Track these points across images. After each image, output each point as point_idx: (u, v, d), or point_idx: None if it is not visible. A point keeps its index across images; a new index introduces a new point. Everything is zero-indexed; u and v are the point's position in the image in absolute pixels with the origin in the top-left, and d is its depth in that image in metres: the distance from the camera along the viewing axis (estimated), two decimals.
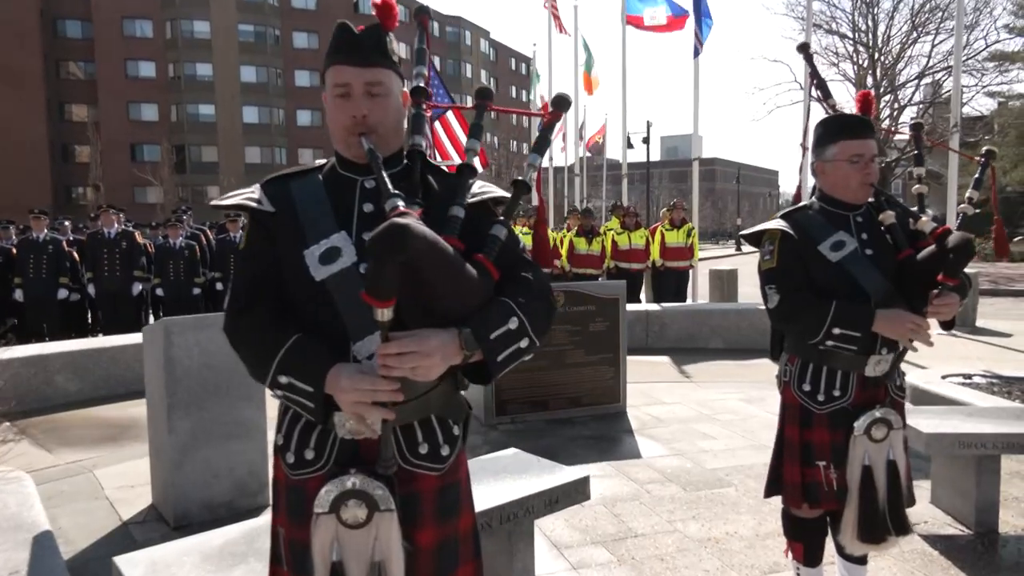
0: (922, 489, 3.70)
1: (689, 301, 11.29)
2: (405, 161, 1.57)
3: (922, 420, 3.30)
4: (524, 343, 1.43)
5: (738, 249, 41.96)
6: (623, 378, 5.43)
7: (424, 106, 1.68)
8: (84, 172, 40.27)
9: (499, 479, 2.64)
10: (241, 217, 9.57)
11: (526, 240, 10.32)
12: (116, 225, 8.96)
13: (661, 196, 61.78)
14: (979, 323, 9.72)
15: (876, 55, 25.63)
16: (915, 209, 2.31)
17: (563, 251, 10.53)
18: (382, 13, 1.52)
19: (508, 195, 1.58)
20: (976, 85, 26.28)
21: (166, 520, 3.46)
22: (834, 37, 26.62)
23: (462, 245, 1.41)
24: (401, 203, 1.34)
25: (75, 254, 9.12)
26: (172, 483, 3.39)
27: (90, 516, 3.55)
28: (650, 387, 6.23)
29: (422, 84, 1.70)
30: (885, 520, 2.19)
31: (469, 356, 1.37)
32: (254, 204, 1.51)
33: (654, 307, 8.76)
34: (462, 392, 1.60)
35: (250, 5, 47.83)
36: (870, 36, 26.15)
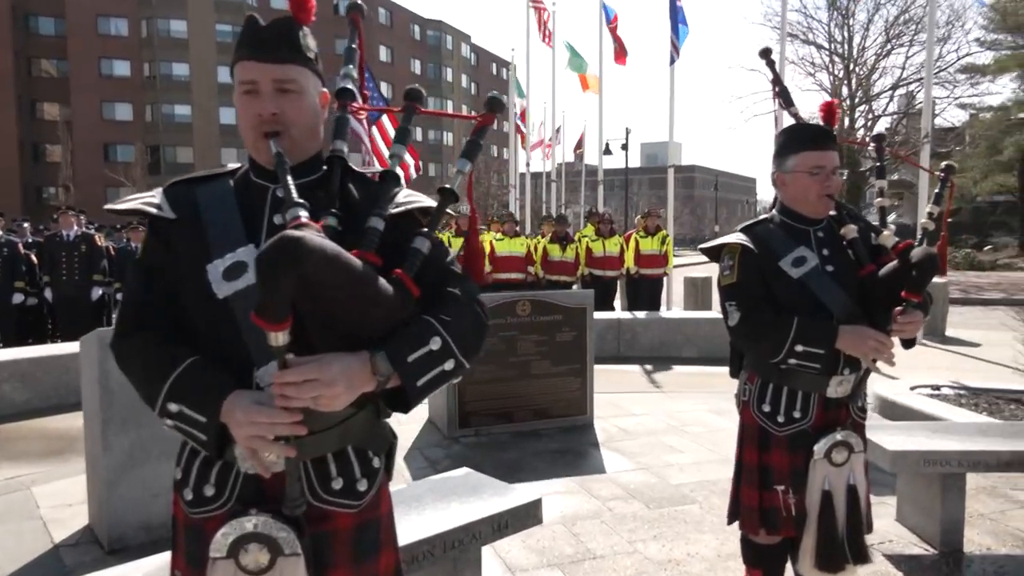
0: (887, 506, 3.64)
1: (664, 309, 11.25)
2: (324, 168, 1.44)
3: (887, 437, 3.23)
4: (449, 365, 1.30)
5: None
6: (590, 389, 5.32)
7: (350, 108, 1.55)
8: (55, 172, 39.48)
9: (446, 502, 2.51)
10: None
11: (513, 246, 10.27)
12: (76, 227, 8.69)
13: (640, 203, 62.06)
14: (948, 332, 9.77)
15: (851, 66, 25.92)
16: (877, 223, 2.23)
17: (537, 258, 10.43)
18: (295, 5, 1.40)
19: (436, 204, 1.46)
20: (948, 97, 26.70)
21: (100, 543, 3.28)
22: (811, 47, 26.93)
23: (379, 260, 1.28)
24: (303, 213, 1.20)
25: (33, 257, 8.84)
26: (107, 503, 3.21)
27: (19, 538, 3.35)
28: (619, 398, 6.13)
29: (349, 85, 1.57)
30: (843, 548, 2.08)
31: (384, 382, 1.24)
32: (153, 210, 1.37)
33: (626, 315, 8.67)
34: (386, 420, 1.47)
35: (228, 5, 47.29)
36: (846, 47, 26.47)
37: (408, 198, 1.42)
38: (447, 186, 1.42)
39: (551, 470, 4.31)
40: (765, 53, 2.49)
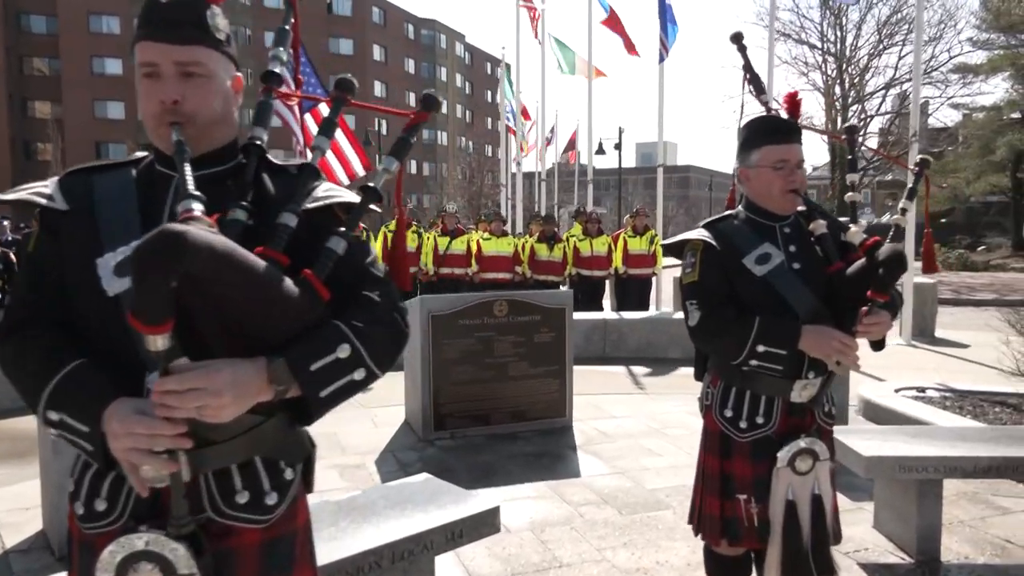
0: (865, 512, 3.55)
1: (652, 309, 11.16)
2: (241, 157, 1.34)
3: (862, 442, 3.14)
4: (359, 375, 1.20)
5: None
6: (569, 391, 5.22)
7: (275, 94, 1.45)
8: (47, 170, 39.22)
9: (400, 510, 2.40)
10: None
11: (500, 246, 10.15)
12: None
13: (634, 202, 61.90)
14: (938, 333, 9.71)
15: (844, 65, 25.87)
16: (846, 219, 2.13)
17: (524, 257, 10.33)
18: None
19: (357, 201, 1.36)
20: (940, 96, 26.69)
21: (52, 549, 3.17)
22: (804, 47, 26.89)
23: (286, 259, 1.18)
24: (196, 206, 1.10)
25: (11, 255, 8.70)
26: (59, 508, 3.10)
27: None
28: (601, 399, 6.03)
29: (277, 68, 1.47)
30: (808, 560, 1.99)
31: (283, 391, 1.14)
32: (42, 200, 1.27)
33: (612, 316, 8.58)
34: (304, 428, 1.37)
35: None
36: (838, 46, 26.43)
37: (328, 193, 1.32)
38: (371, 184, 1.32)
39: (525, 474, 4.21)
40: (736, 38, 2.40)
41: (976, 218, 37.73)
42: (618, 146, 32.36)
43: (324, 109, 2.82)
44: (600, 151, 32.92)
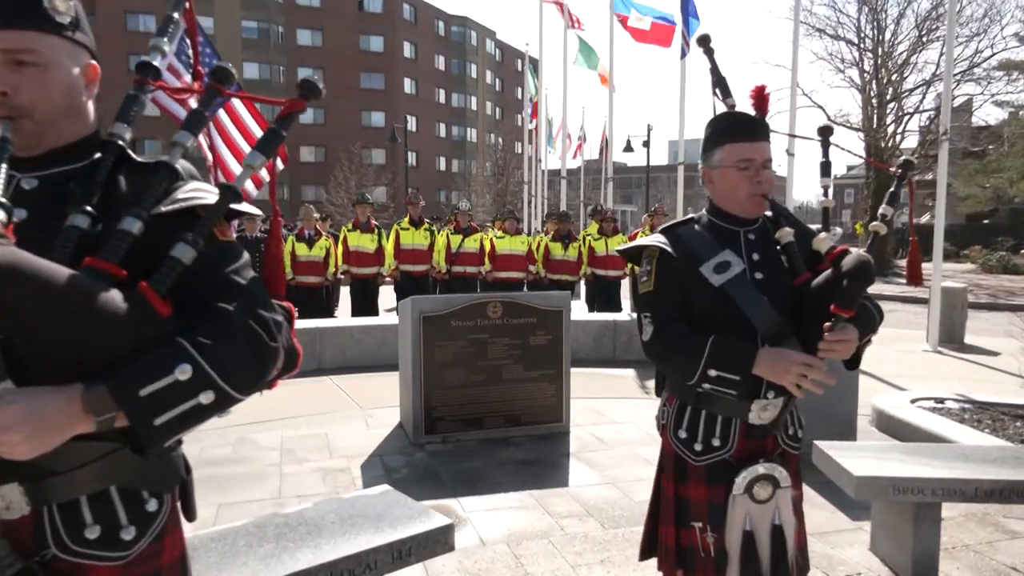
0: (863, 532, 3.36)
1: None
2: (99, 154, 1.23)
3: (855, 460, 2.95)
4: (206, 398, 1.08)
5: None
6: (566, 396, 5.07)
7: (150, 87, 1.34)
8: None
9: (348, 527, 2.30)
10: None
11: (514, 244, 10.01)
12: None
13: (664, 200, 61.28)
14: (967, 339, 9.32)
15: (879, 61, 25.14)
16: (817, 227, 1.96)
17: (538, 256, 10.18)
18: None
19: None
20: (983, 93, 25.78)
21: None
22: (840, 43, 26.19)
23: (121, 271, 1.07)
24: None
25: None
26: None
27: None
28: (604, 404, 5.87)
29: (156, 60, 1.36)
30: None
31: (109, 420, 1.02)
32: None
33: (623, 317, 8.39)
34: (176, 452, 1.26)
35: (254, 2, 47.69)
36: (876, 42, 25.68)
37: (191, 194, 1.20)
38: (229, 183, 1.21)
39: (511, 482, 4.09)
40: (703, 41, 2.24)
41: (1020, 219, 36.49)
42: (646, 143, 31.98)
43: (238, 104, 2.71)
44: (628, 148, 32.62)
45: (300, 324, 7.67)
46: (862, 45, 25.90)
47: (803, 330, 1.82)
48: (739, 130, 1.89)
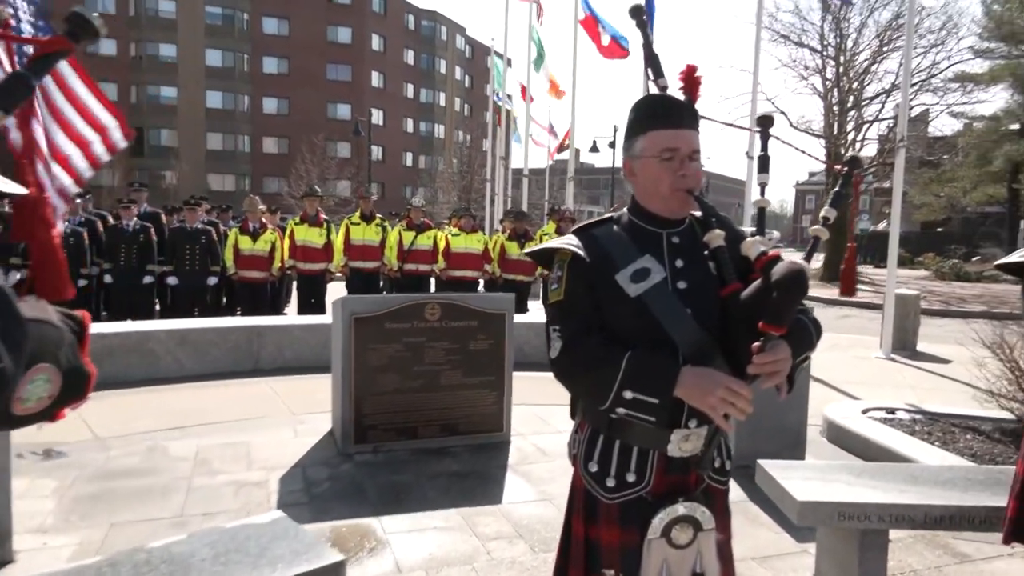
0: (809, 556, 3.16)
1: None
2: None
3: (799, 483, 2.73)
4: None
5: None
6: (508, 403, 4.81)
7: None
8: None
9: (222, 567, 1.99)
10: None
11: (470, 243, 9.68)
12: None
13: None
14: (920, 347, 9.31)
15: (841, 70, 25.43)
16: (751, 230, 1.72)
17: (494, 255, 9.92)
18: None
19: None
20: (938, 103, 26.24)
21: None
22: (804, 50, 26.41)
23: None
24: None
25: None
26: None
27: None
28: (549, 411, 5.61)
29: None
30: None
31: None
32: None
33: None
34: None
35: None
36: (839, 50, 25.95)
37: None
38: None
39: (441, 499, 3.81)
40: (636, 12, 1.99)
41: (972, 228, 37.36)
42: (612, 144, 31.91)
43: (66, 68, 2.36)
44: (594, 149, 32.58)
45: (236, 321, 7.30)
46: (825, 53, 26.17)
47: (732, 348, 1.58)
48: (663, 116, 1.64)
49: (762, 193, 1.76)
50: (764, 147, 1.80)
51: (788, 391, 1.62)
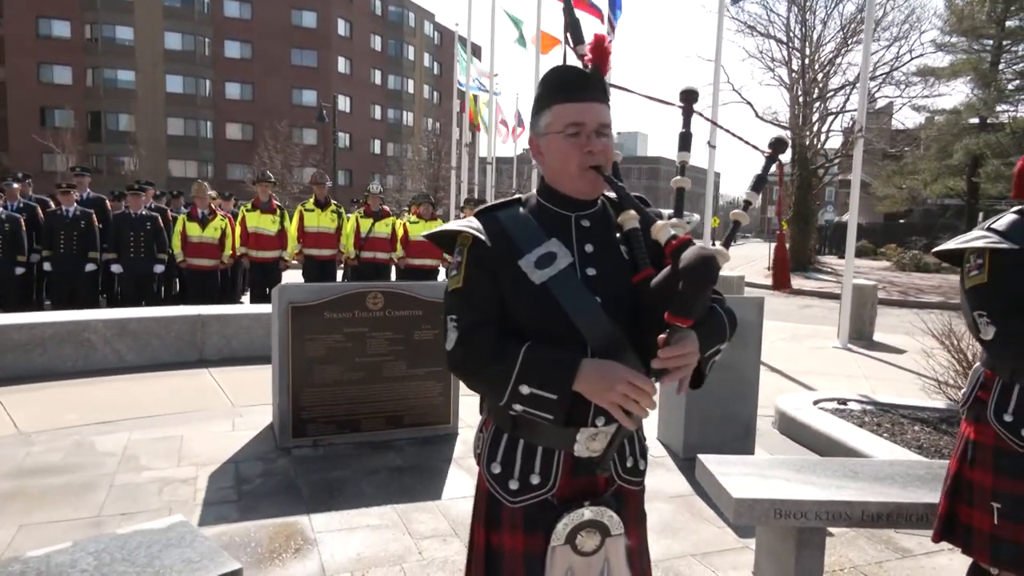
0: (749, 552, 3.08)
1: None
2: None
3: (737, 479, 2.65)
4: None
5: None
6: (455, 395, 4.67)
7: None
8: None
9: (105, 573, 1.83)
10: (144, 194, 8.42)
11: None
12: None
13: (659, 197, 61.64)
14: (876, 336, 9.40)
15: (806, 62, 25.64)
16: (668, 212, 1.60)
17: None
18: None
19: None
20: (900, 96, 26.65)
21: None
22: (771, 41, 26.56)
23: None
24: None
25: None
26: None
27: None
28: None
29: None
30: None
31: None
32: None
33: None
34: None
35: None
36: (804, 42, 26.15)
37: None
38: None
39: (377, 495, 3.66)
40: None
41: (932, 220, 38.14)
42: None
43: None
44: None
45: (179, 310, 7.04)
46: (791, 44, 26.37)
47: (644, 340, 1.45)
48: (568, 88, 1.50)
49: (681, 172, 1.64)
50: (686, 124, 1.68)
51: (697, 386, 1.51)
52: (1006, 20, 27.75)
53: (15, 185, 8.52)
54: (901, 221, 40.78)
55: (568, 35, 1.73)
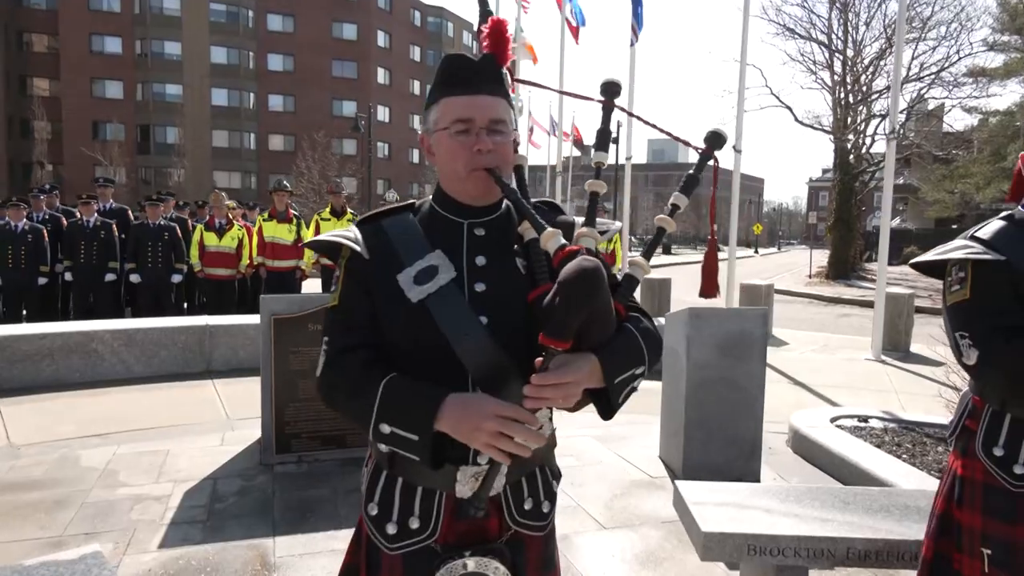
0: None
1: None
2: None
3: (711, 510, 2.42)
4: None
5: None
6: None
7: None
8: (45, 149, 38.82)
9: None
10: (95, 201, 8.55)
11: None
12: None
13: (639, 199, 61.17)
14: (913, 348, 8.92)
15: (848, 64, 24.90)
16: (580, 219, 1.41)
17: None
18: None
19: None
20: (950, 98, 25.66)
21: None
22: (813, 44, 25.88)
23: None
24: None
25: None
26: None
27: None
28: None
29: None
30: None
31: None
32: None
33: None
34: None
35: None
36: (846, 44, 25.40)
37: None
38: None
39: (352, 515, 3.50)
40: None
41: None
42: (616, 140, 31.48)
43: None
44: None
45: (186, 321, 7.05)
46: (832, 46, 25.64)
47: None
48: (455, 79, 1.33)
49: (597, 175, 1.45)
50: (605, 121, 1.49)
51: (607, 418, 1.31)
52: None
53: (41, 197, 8.70)
54: (954, 227, 39.27)
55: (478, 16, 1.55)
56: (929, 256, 1.88)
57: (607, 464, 4.43)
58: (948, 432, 1.95)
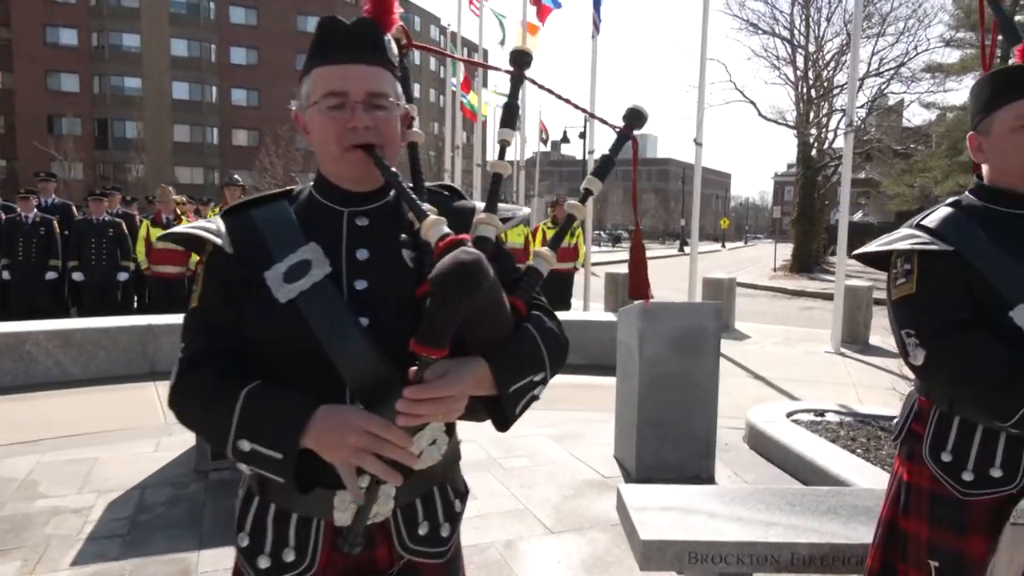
0: None
1: (577, 308, 10.34)
2: None
3: (653, 515, 2.30)
4: None
5: (680, 250, 41.50)
6: None
7: None
8: None
9: None
10: (34, 196, 8.18)
11: None
12: None
13: (608, 193, 61.42)
14: (872, 340, 8.96)
15: (810, 59, 25.16)
16: (480, 204, 1.26)
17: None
18: None
19: None
20: (908, 93, 26.10)
21: None
22: (776, 40, 26.09)
23: None
24: None
25: None
26: None
27: None
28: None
29: None
30: None
31: None
32: None
33: None
34: None
35: None
36: (808, 40, 25.67)
37: None
38: None
39: None
40: None
41: None
42: (583, 135, 31.45)
43: None
44: (564, 140, 32.15)
45: (127, 320, 6.77)
46: (795, 42, 25.88)
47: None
48: (329, 47, 1.17)
49: (501, 155, 1.30)
50: (513, 94, 1.34)
51: (502, 429, 1.18)
52: (1015, 15, 27.09)
53: None
54: (865, 222, 40.13)
55: None
56: (872, 247, 1.76)
57: (559, 464, 4.30)
58: (893, 435, 1.84)
